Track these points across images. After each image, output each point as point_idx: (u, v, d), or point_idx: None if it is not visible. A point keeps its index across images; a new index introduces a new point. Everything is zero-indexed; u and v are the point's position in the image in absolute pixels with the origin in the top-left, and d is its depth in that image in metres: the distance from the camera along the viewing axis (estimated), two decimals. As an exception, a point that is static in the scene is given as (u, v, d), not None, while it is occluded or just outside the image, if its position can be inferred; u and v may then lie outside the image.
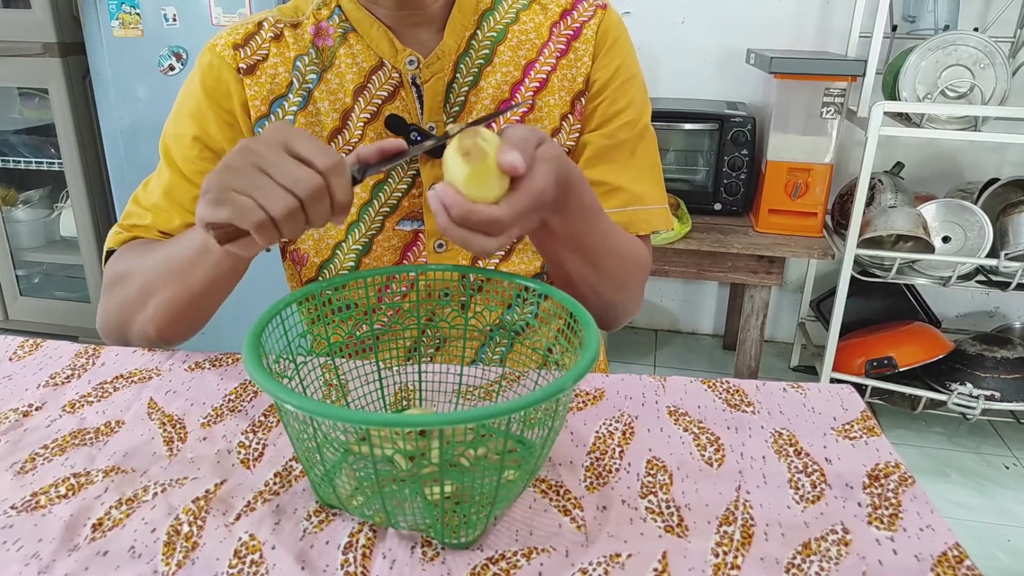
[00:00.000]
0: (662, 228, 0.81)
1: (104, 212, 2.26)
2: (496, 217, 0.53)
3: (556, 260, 0.69)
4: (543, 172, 0.55)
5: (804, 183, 1.87)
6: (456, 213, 0.52)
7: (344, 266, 0.79)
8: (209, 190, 0.52)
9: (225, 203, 0.52)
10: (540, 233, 0.65)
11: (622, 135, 0.78)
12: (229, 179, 0.52)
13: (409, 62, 0.74)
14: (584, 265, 0.70)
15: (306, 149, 0.52)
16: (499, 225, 0.53)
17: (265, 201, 0.51)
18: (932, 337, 1.96)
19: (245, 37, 0.76)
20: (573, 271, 0.70)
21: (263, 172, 0.52)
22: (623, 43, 0.79)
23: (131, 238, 0.78)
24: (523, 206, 0.54)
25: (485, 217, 0.52)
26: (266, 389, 0.44)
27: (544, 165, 0.55)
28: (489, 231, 0.53)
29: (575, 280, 0.71)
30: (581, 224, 0.65)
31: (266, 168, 0.52)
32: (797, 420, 0.64)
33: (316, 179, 0.52)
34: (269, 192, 0.51)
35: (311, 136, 0.54)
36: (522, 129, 0.56)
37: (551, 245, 0.67)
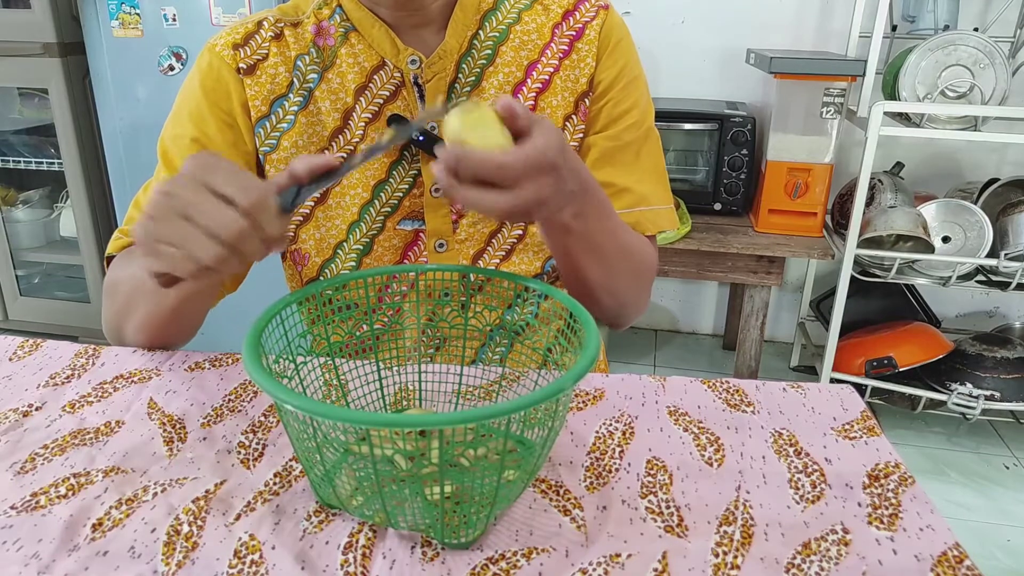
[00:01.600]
0: (668, 228, 0.81)
1: (104, 212, 2.26)
2: (502, 162, 0.51)
3: (575, 267, 0.69)
4: (544, 134, 0.54)
5: (804, 183, 1.87)
6: (462, 163, 0.50)
7: (345, 266, 0.79)
8: (139, 243, 0.51)
9: (156, 255, 0.50)
10: (562, 238, 0.65)
11: (627, 136, 0.78)
12: (154, 230, 0.50)
13: (411, 62, 0.74)
14: (602, 268, 0.70)
15: (226, 185, 0.50)
16: (506, 172, 0.51)
17: (192, 251, 0.49)
18: (932, 337, 1.96)
19: (245, 37, 0.75)
20: (592, 277, 0.70)
21: (185, 218, 0.49)
22: (626, 44, 0.79)
23: (129, 243, 0.78)
24: (527, 154, 0.52)
25: (491, 162, 0.51)
26: (266, 389, 0.44)
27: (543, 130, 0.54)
28: (497, 178, 0.51)
29: (593, 285, 0.71)
30: (598, 224, 0.66)
31: (188, 214, 0.49)
32: (797, 420, 0.64)
33: (239, 221, 0.49)
34: (194, 241, 0.49)
35: (232, 169, 0.52)
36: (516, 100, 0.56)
37: (572, 250, 0.66)
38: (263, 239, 0.51)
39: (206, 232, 0.49)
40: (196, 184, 0.50)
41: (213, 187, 0.50)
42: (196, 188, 0.50)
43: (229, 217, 0.49)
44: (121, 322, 0.75)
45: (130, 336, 0.75)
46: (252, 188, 0.50)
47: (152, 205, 0.50)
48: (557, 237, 0.65)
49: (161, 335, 0.74)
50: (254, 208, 0.50)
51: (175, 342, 0.76)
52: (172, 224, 0.50)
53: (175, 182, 0.51)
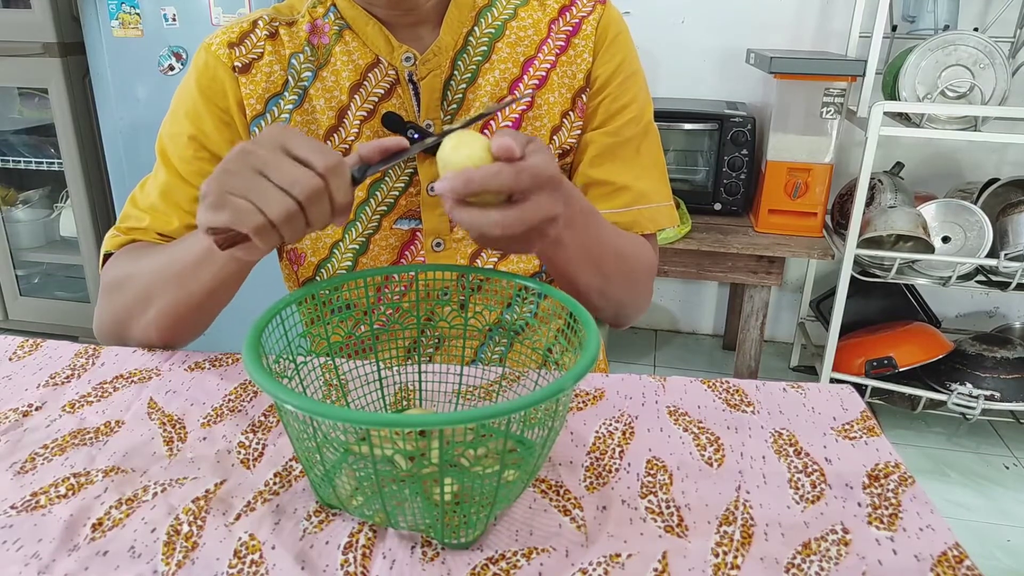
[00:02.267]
0: (668, 225, 0.81)
1: (104, 212, 2.26)
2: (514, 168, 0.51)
3: (569, 276, 0.68)
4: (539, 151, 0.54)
5: (804, 183, 1.87)
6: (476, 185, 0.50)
7: (341, 265, 0.79)
8: (207, 195, 0.52)
9: (223, 207, 0.51)
10: (556, 252, 0.64)
11: (626, 132, 0.78)
12: (227, 182, 0.51)
13: (405, 59, 0.74)
14: (594, 275, 0.69)
15: (304, 150, 0.52)
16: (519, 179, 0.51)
17: (263, 204, 0.50)
18: (932, 337, 1.96)
19: (240, 36, 0.75)
20: (585, 284, 0.70)
21: (260, 174, 0.51)
22: (624, 39, 0.79)
23: (128, 241, 0.77)
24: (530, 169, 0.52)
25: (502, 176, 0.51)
26: (266, 389, 0.44)
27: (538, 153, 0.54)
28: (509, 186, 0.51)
29: (586, 292, 0.71)
30: (585, 232, 0.65)
31: (263, 170, 0.51)
32: (797, 420, 0.64)
33: (314, 180, 0.51)
34: (267, 195, 0.50)
35: (309, 137, 0.53)
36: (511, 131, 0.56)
37: (564, 261, 0.66)
38: (332, 204, 0.52)
39: (279, 187, 0.50)
40: (274, 145, 0.52)
41: (290, 149, 0.52)
42: (274, 149, 0.52)
43: (304, 175, 0.51)
44: (130, 317, 0.73)
45: (139, 331, 0.74)
46: (329, 153, 0.52)
47: (229, 160, 0.52)
48: (548, 251, 0.64)
49: (180, 324, 0.72)
50: (329, 170, 0.51)
51: (188, 337, 0.75)
52: (246, 178, 0.51)
53: (253, 143, 0.52)
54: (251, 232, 0.51)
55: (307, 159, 0.51)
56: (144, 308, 0.72)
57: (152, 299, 0.71)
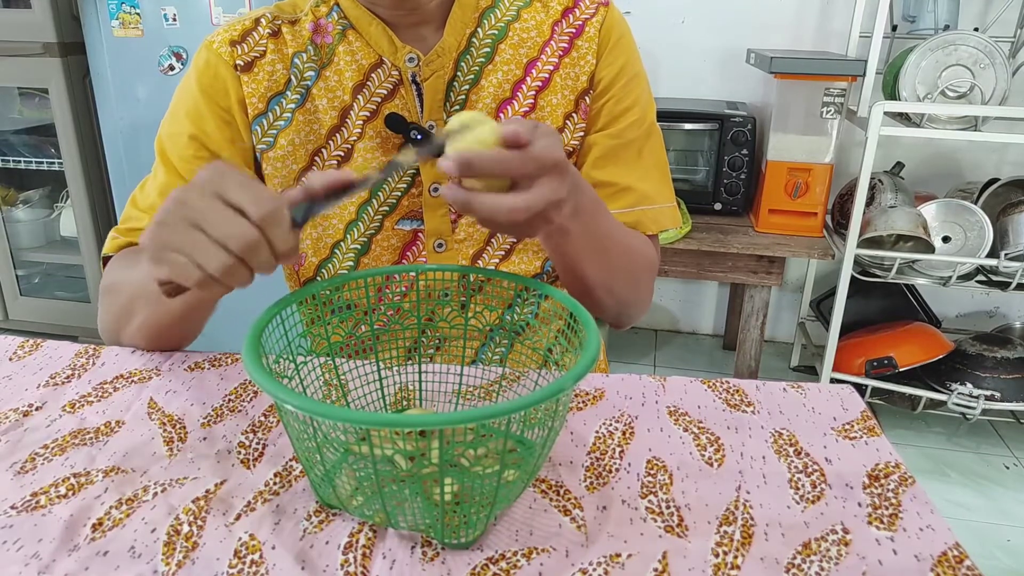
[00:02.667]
0: (670, 226, 0.81)
1: (104, 212, 2.26)
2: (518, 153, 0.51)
3: (575, 267, 0.68)
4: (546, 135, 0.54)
5: (804, 183, 1.87)
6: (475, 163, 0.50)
7: (343, 266, 0.79)
8: (146, 248, 0.50)
9: (162, 262, 0.49)
10: (562, 241, 0.64)
11: (630, 134, 0.78)
12: (163, 237, 0.49)
13: (409, 60, 0.74)
14: (600, 268, 0.69)
15: (239, 197, 0.49)
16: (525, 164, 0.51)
17: (200, 259, 0.48)
18: (932, 337, 1.96)
19: (242, 34, 0.75)
20: (591, 276, 0.69)
21: (195, 227, 0.49)
22: (627, 41, 0.79)
23: (127, 243, 0.78)
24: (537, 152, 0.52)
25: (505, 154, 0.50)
26: (266, 389, 0.44)
27: (545, 137, 0.54)
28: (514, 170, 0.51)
29: (592, 285, 0.71)
30: (593, 222, 0.65)
31: (198, 223, 0.49)
32: (797, 420, 0.64)
33: (250, 232, 0.48)
34: (203, 250, 0.48)
35: (247, 180, 0.51)
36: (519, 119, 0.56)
37: (572, 252, 0.66)
38: (273, 252, 0.50)
39: (215, 241, 0.48)
40: (209, 193, 0.49)
41: (225, 197, 0.49)
42: (208, 197, 0.49)
43: (239, 227, 0.48)
44: (120, 325, 0.75)
45: (128, 339, 0.76)
46: (265, 199, 0.49)
47: (163, 212, 0.50)
48: (555, 240, 0.65)
49: (161, 340, 0.74)
50: (265, 220, 0.49)
51: (175, 346, 0.76)
52: (181, 232, 0.49)
53: (187, 190, 0.50)
54: (193, 286, 0.50)
55: (242, 208, 0.49)
56: (128, 319, 0.73)
57: (134, 312, 0.72)
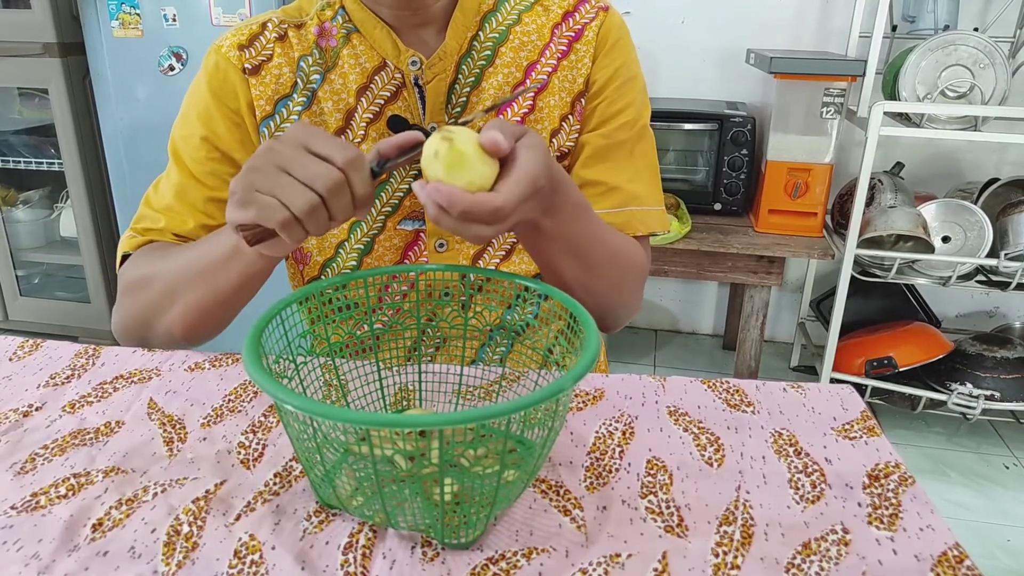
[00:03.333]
0: (658, 230, 0.80)
1: (104, 212, 2.26)
2: (499, 205, 0.52)
3: (550, 265, 0.69)
4: (531, 157, 0.55)
5: (804, 183, 1.87)
6: (459, 209, 0.51)
7: (346, 265, 0.80)
8: (235, 192, 0.54)
9: (250, 204, 0.53)
10: (533, 236, 0.64)
11: (620, 135, 0.78)
12: (253, 180, 0.54)
13: (412, 63, 0.74)
14: (578, 268, 0.69)
15: (325, 146, 0.54)
16: (501, 213, 0.53)
17: (287, 199, 0.53)
18: (932, 337, 1.96)
19: (250, 38, 0.76)
20: (568, 275, 0.69)
21: (284, 171, 0.53)
22: (624, 44, 0.79)
23: (146, 242, 0.78)
24: (521, 191, 0.54)
25: (488, 207, 0.52)
26: (266, 389, 0.44)
27: (530, 151, 0.55)
28: (490, 220, 0.53)
29: (570, 284, 0.70)
30: (572, 223, 0.65)
31: (286, 167, 0.53)
32: (797, 420, 0.64)
33: (335, 174, 0.53)
34: (290, 189, 0.53)
35: (330, 134, 0.56)
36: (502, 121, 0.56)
37: (544, 248, 0.66)
38: (353, 197, 0.54)
39: (302, 182, 0.53)
40: (296, 144, 0.54)
41: (311, 147, 0.54)
42: (296, 147, 0.54)
43: (325, 169, 0.53)
44: (153, 316, 0.73)
45: (163, 329, 0.73)
46: (348, 148, 0.54)
47: (255, 158, 0.55)
48: (528, 236, 0.65)
49: (205, 321, 0.72)
50: (349, 164, 0.54)
51: (211, 334, 0.75)
52: (271, 175, 0.53)
53: (277, 142, 0.55)
54: (277, 227, 0.53)
55: (327, 155, 0.53)
56: (169, 305, 0.72)
57: (177, 296, 0.71)
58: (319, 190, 0.53)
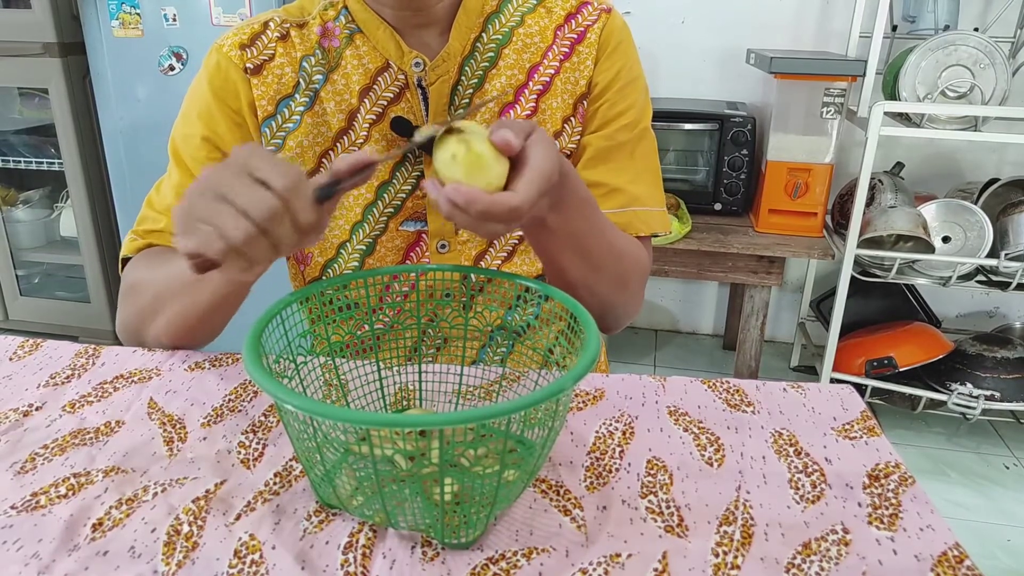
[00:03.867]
0: (660, 231, 0.81)
1: (104, 212, 2.26)
2: (516, 205, 0.52)
3: (555, 263, 0.69)
4: (542, 153, 0.55)
5: (804, 183, 1.87)
6: (478, 209, 0.51)
7: (348, 266, 0.80)
8: (175, 219, 0.52)
9: (190, 233, 0.50)
10: (539, 233, 0.64)
11: (621, 137, 0.78)
12: (192, 208, 0.51)
13: (415, 64, 0.74)
14: (583, 266, 0.69)
15: (265, 170, 0.51)
16: (519, 212, 0.53)
17: (223, 228, 0.49)
18: (932, 337, 1.96)
19: (251, 37, 0.76)
20: (572, 273, 0.69)
21: (222, 198, 0.50)
22: (626, 47, 0.79)
23: (146, 245, 0.78)
24: (537, 189, 0.53)
25: (506, 207, 0.52)
26: (266, 389, 0.44)
27: (540, 147, 0.55)
28: (507, 219, 0.53)
29: (574, 283, 0.70)
30: (579, 220, 0.65)
31: (225, 194, 0.50)
32: (797, 420, 0.64)
33: (271, 201, 0.50)
34: (226, 219, 0.49)
35: (275, 158, 0.52)
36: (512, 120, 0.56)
37: (550, 246, 0.66)
38: (295, 225, 0.51)
39: (238, 210, 0.50)
40: (237, 168, 0.51)
41: (251, 171, 0.51)
42: (236, 171, 0.51)
43: (261, 197, 0.50)
44: (143, 323, 0.75)
45: (152, 336, 0.75)
46: (289, 173, 0.51)
47: (193, 186, 0.52)
48: (534, 232, 0.65)
49: (189, 332, 0.74)
50: (287, 191, 0.50)
51: (199, 342, 0.76)
52: (208, 202, 0.50)
53: (218, 167, 0.52)
54: (217, 257, 0.51)
55: (266, 180, 0.50)
56: (154, 315, 0.73)
57: (161, 307, 0.72)
58: (255, 218, 0.49)
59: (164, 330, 0.74)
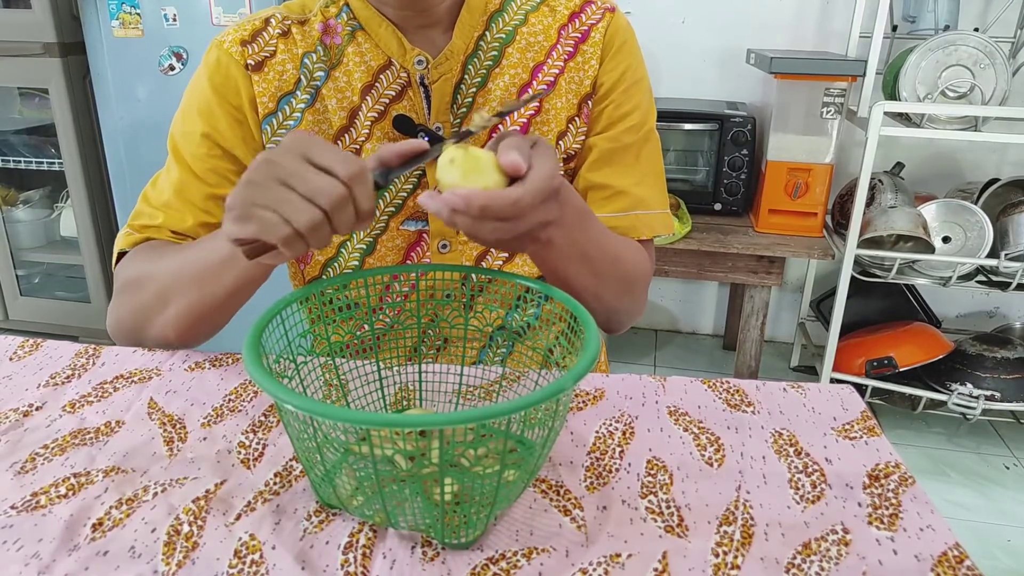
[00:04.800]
0: (664, 233, 0.81)
1: (104, 212, 2.26)
2: (518, 197, 0.52)
3: (560, 275, 0.68)
4: (544, 160, 0.55)
5: (804, 183, 1.87)
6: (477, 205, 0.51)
7: (348, 265, 0.79)
8: (233, 207, 0.52)
9: (250, 219, 0.51)
10: (543, 250, 0.64)
11: (627, 139, 0.78)
12: (253, 194, 0.51)
13: (417, 62, 0.74)
14: (587, 275, 0.69)
15: (327, 158, 0.52)
16: (520, 206, 0.52)
17: (289, 214, 0.51)
18: (932, 337, 1.96)
19: (252, 33, 0.75)
20: (577, 282, 0.69)
21: (285, 185, 0.51)
22: (630, 46, 0.79)
23: (143, 239, 0.77)
24: (538, 186, 0.53)
25: (507, 200, 0.51)
26: (266, 389, 0.44)
27: (542, 157, 0.55)
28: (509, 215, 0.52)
29: (579, 291, 0.70)
30: (579, 230, 0.65)
31: (288, 180, 0.51)
32: (797, 420, 0.64)
33: (339, 188, 0.51)
34: (293, 205, 0.51)
35: (331, 145, 0.54)
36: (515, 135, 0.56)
37: (554, 260, 0.66)
38: (356, 211, 0.53)
39: (304, 197, 0.51)
40: (296, 155, 0.52)
41: (312, 158, 0.52)
42: (296, 158, 0.52)
43: (329, 183, 0.51)
44: (146, 318, 0.73)
45: (156, 332, 0.73)
46: (351, 160, 0.52)
47: (252, 171, 0.52)
48: (539, 251, 0.64)
49: (198, 324, 0.72)
50: (352, 178, 0.52)
51: (205, 336, 0.75)
52: (272, 189, 0.51)
53: (275, 152, 0.53)
54: (279, 242, 0.52)
55: (330, 167, 0.52)
56: (162, 307, 0.71)
57: (171, 299, 0.70)
58: (323, 205, 0.51)
59: (173, 323, 0.71)
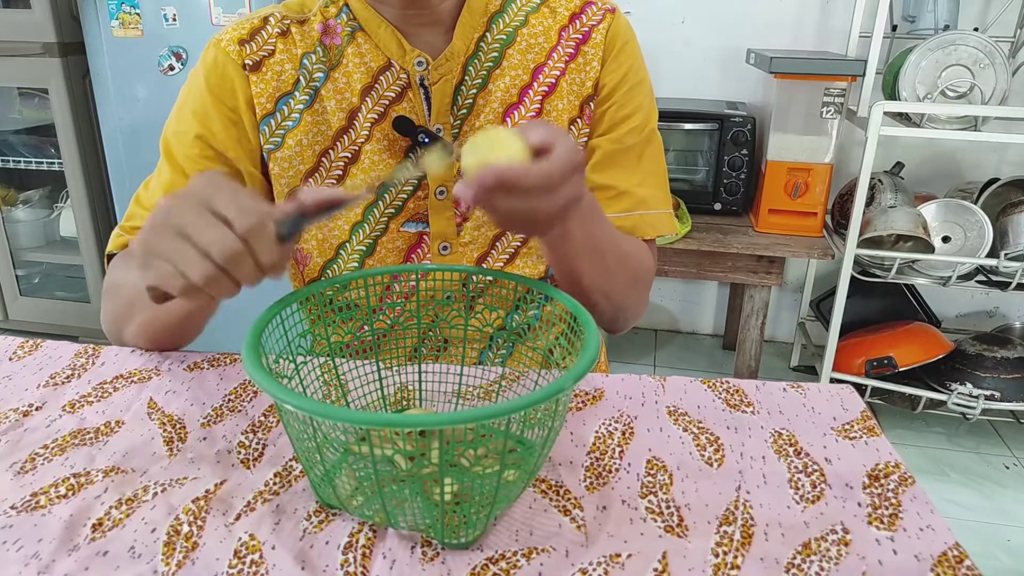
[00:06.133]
0: (667, 232, 0.81)
1: (104, 212, 2.26)
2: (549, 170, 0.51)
3: (571, 268, 0.68)
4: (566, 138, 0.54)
5: (804, 183, 1.87)
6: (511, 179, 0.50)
7: (347, 267, 0.79)
8: (135, 254, 0.51)
9: (149, 268, 0.50)
10: (558, 242, 0.64)
11: (629, 140, 0.78)
12: (151, 241, 0.50)
13: (417, 63, 0.74)
14: (598, 270, 0.69)
15: (225, 208, 0.49)
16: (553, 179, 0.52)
17: (183, 267, 0.48)
18: (932, 337, 1.96)
19: (251, 32, 0.75)
20: (587, 278, 0.69)
21: (181, 235, 0.49)
22: (631, 47, 0.79)
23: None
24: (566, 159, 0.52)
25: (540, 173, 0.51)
26: (266, 389, 0.44)
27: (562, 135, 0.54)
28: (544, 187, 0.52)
29: (588, 288, 0.70)
30: (591, 223, 0.65)
31: (184, 230, 0.49)
32: (797, 420, 0.64)
33: (233, 243, 0.48)
34: (186, 257, 0.48)
35: (236, 191, 0.51)
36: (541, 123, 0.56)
37: (569, 253, 0.66)
38: (257, 264, 0.50)
39: (199, 250, 0.48)
40: (197, 203, 0.49)
41: (213, 207, 0.49)
42: (196, 207, 0.49)
43: (223, 237, 0.48)
44: (120, 324, 0.75)
45: (129, 338, 0.76)
46: (251, 212, 0.49)
47: (152, 219, 0.50)
48: (556, 242, 0.65)
49: (160, 338, 0.75)
50: (250, 232, 0.49)
51: (175, 346, 0.77)
52: (168, 239, 0.49)
53: (177, 198, 0.50)
54: (177, 293, 0.50)
55: (228, 219, 0.49)
56: (128, 319, 0.74)
57: (134, 312, 0.72)
58: (217, 260, 0.48)
59: (140, 334, 0.74)
